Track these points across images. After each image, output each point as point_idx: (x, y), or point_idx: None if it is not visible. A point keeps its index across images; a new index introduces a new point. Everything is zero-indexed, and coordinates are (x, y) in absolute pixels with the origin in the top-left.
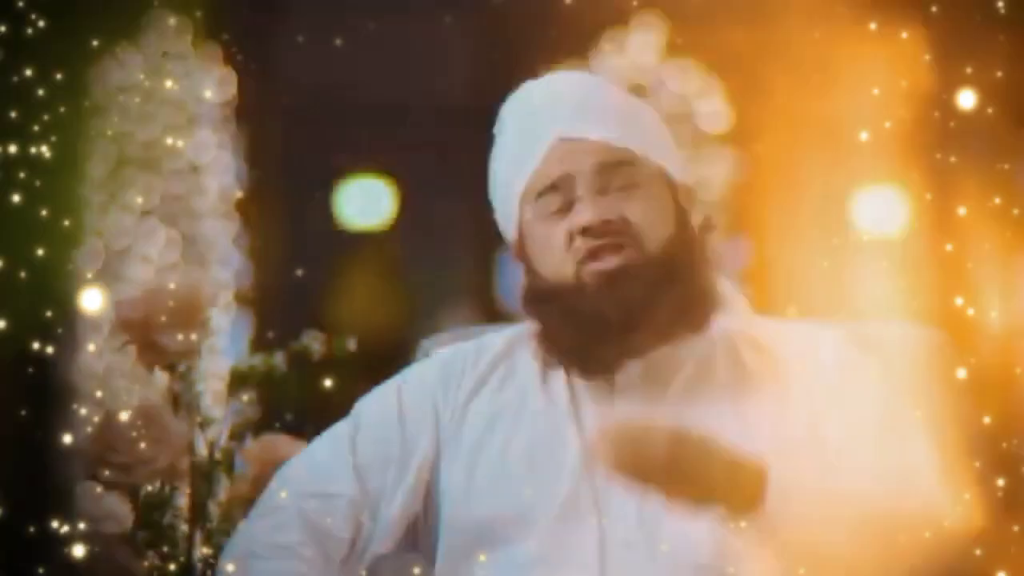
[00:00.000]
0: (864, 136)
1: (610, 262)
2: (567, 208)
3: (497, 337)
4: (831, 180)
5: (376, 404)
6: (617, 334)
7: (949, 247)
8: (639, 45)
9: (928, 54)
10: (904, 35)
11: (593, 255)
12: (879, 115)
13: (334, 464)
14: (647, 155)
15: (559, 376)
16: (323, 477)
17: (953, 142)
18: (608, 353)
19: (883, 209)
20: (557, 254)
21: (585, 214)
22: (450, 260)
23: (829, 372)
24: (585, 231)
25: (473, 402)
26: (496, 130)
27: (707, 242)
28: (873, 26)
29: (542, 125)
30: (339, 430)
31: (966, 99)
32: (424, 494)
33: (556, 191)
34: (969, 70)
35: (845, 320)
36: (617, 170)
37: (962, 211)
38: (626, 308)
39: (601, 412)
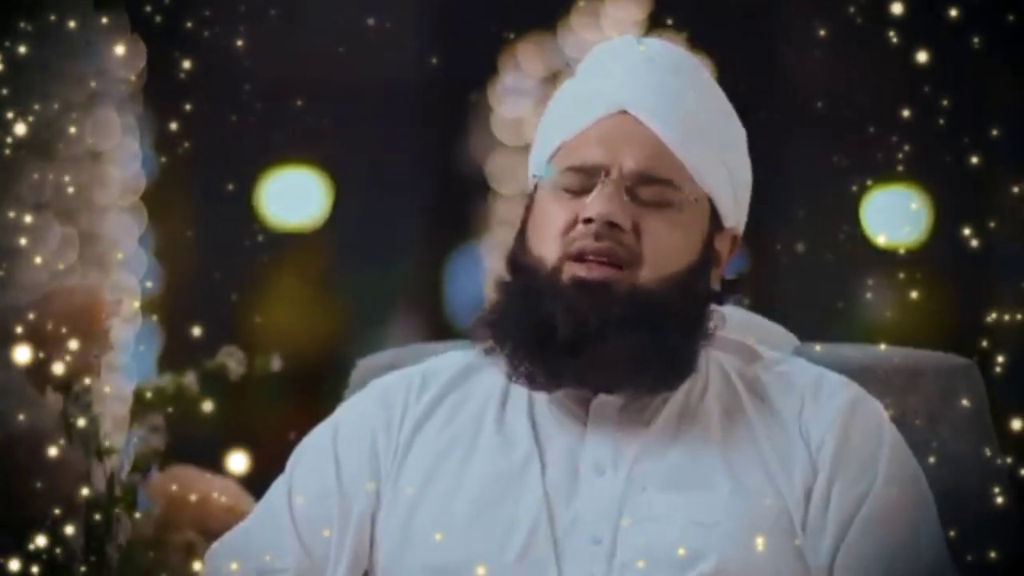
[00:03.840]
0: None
1: (594, 272)
2: (585, 193)
3: (448, 360)
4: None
5: (311, 456)
6: (564, 355)
7: None
8: (615, 17)
9: None
10: None
11: (581, 256)
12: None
13: (275, 535)
14: (702, 178)
15: (521, 405)
16: (265, 551)
17: None
18: (558, 367)
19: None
20: (550, 232)
21: (597, 206)
22: (391, 266)
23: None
24: (588, 223)
25: (417, 439)
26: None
27: (715, 280)
28: None
29: (616, 87)
30: (275, 494)
31: None
32: (369, 550)
33: (581, 172)
34: None
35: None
36: (655, 185)
37: None
38: (584, 335)
39: (571, 448)
